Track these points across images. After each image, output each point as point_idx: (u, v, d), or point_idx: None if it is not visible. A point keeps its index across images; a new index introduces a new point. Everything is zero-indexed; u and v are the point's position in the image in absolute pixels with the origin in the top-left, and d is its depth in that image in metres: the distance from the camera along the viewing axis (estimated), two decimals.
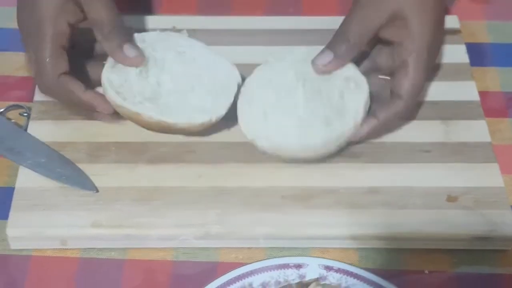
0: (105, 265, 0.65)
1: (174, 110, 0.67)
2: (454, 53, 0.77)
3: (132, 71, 0.68)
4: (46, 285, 0.63)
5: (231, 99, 0.68)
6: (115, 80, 0.68)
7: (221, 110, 0.67)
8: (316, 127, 0.66)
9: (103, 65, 0.69)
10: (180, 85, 0.68)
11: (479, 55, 0.80)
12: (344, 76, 0.68)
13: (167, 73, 0.69)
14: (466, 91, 0.75)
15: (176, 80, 0.69)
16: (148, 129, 0.69)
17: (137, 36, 0.70)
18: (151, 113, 0.66)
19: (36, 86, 0.72)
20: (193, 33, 0.72)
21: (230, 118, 0.68)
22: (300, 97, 0.67)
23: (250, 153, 0.69)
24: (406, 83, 0.67)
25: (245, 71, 0.71)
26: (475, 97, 0.74)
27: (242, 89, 0.69)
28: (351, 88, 0.68)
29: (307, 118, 0.66)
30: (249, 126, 0.67)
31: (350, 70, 0.69)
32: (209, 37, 0.74)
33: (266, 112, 0.67)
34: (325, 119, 0.66)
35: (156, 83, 0.68)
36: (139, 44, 0.70)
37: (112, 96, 0.67)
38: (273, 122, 0.67)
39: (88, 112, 0.71)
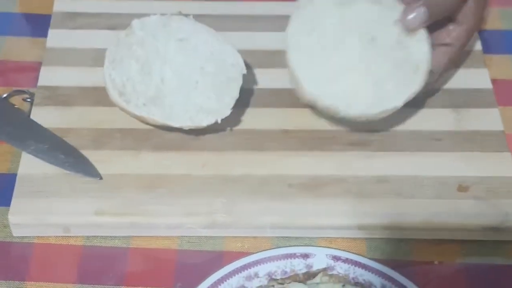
0: (108, 253, 0.64)
1: (178, 112, 0.66)
2: None
3: (134, 66, 0.67)
4: (49, 273, 0.63)
5: (236, 95, 0.67)
6: (117, 78, 0.67)
7: (226, 110, 0.66)
8: (391, 89, 0.64)
9: None
10: (183, 80, 0.67)
11: (491, 42, 0.79)
12: (395, 20, 0.65)
13: (170, 66, 0.67)
14: (479, 78, 0.74)
15: (179, 74, 0.67)
16: (152, 126, 0.68)
17: (136, 22, 0.69)
18: (155, 117, 0.66)
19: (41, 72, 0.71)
20: (199, 18, 0.71)
21: (235, 105, 0.67)
22: (357, 49, 0.65)
23: (256, 141, 0.68)
24: (434, 59, 0.66)
25: (252, 57, 0.70)
26: (488, 84, 0.73)
27: (289, 41, 0.65)
28: (408, 34, 0.65)
29: (378, 78, 0.64)
30: (314, 84, 0.64)
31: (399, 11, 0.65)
32: (215, 23, 0.73)
33: (328, 68, 0.64)
34: (395, 78, 0.64)
35: (159, 79, 0.67)
36: (139, 31, 0.68)
37: (115, 98, 0.67)
38: (340, 82, 0.64)
39: None
